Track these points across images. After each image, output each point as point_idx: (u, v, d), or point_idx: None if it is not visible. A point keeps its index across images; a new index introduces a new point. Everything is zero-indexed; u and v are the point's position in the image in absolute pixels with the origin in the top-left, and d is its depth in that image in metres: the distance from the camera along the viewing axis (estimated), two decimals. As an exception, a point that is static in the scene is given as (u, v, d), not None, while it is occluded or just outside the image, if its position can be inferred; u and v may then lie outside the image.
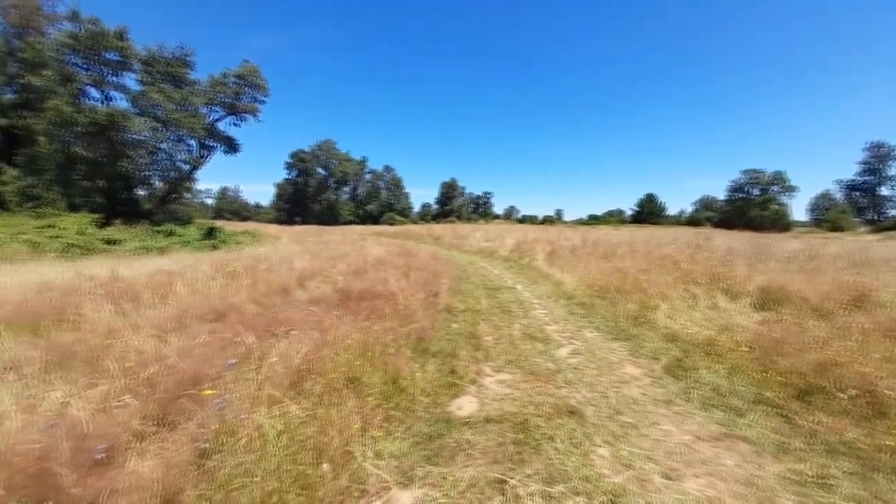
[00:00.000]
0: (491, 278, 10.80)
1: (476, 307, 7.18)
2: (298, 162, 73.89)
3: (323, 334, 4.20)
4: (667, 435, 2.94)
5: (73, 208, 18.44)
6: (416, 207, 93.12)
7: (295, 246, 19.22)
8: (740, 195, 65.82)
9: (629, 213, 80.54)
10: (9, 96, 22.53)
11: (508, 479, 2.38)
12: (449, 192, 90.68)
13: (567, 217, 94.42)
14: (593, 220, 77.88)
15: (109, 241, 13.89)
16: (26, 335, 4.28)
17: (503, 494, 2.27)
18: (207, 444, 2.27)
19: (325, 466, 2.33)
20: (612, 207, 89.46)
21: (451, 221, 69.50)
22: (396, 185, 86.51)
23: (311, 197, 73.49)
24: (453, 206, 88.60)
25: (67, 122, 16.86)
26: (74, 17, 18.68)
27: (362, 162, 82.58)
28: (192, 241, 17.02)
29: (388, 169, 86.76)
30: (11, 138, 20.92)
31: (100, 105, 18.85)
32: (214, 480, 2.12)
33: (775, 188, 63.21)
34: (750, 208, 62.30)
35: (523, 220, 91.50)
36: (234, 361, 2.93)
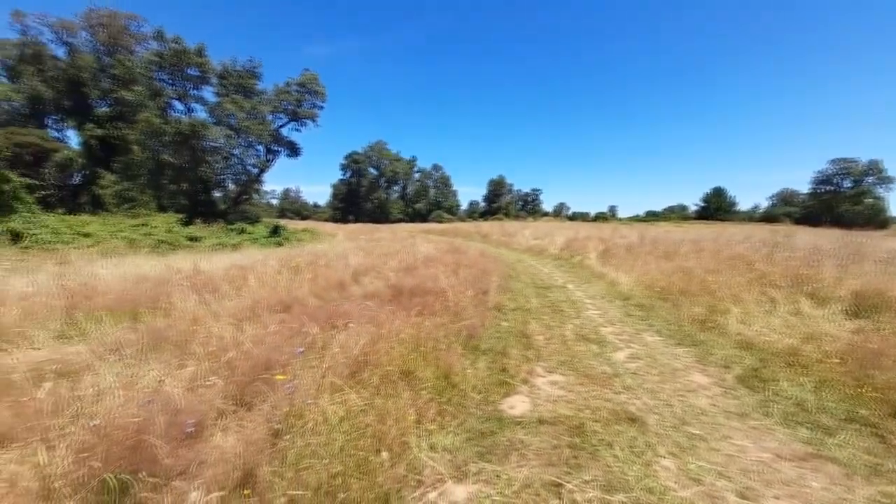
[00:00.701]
0: (541, 277, 10.56)
1: (526, 306, 7.07)
2: (352, 163, 77.11)
3: (378, 328, 4.37)
4: (742, 451, 2.71)
5: (162, 209, 20.95)
6: (464, 205, 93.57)
7: (349, 243, 20.11)
8: (827, 188, 58.24)
9: (693, 208, 74.53)
10: (103, 109, 25.80)
11: (564, 483, 2.33)
12: (497, 190, 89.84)
13: (622, 214, 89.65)
14: (652, 217, 73.08)
15: (192, 238, 15.58)
16: (126, 320, 4.91)
17: (559, 498, 2.23)
18: (279, 426, 2.47)
19: (384, 454, 2.44)
20: (673, 203, 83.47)
21: (499, 219, 68.81)
22: (444, 184, 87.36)
23: (363, 196, 76.44)
24: (501, 203, 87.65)
25: (157, 132, 19.13)
26: (159, 36, 21.06)
27: (411, 161, 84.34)
28: (259, 238, 18.55)
29: (436, 168, 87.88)
30: (108, 147, 24.05)
31: (183, 116, 21.16)
32: (286, 459, 2.30)
33: (870, 179, 55.12)
34: (839, 202, 54.89)
35: (573, 217, 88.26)
36: (301, 350, 3.15)
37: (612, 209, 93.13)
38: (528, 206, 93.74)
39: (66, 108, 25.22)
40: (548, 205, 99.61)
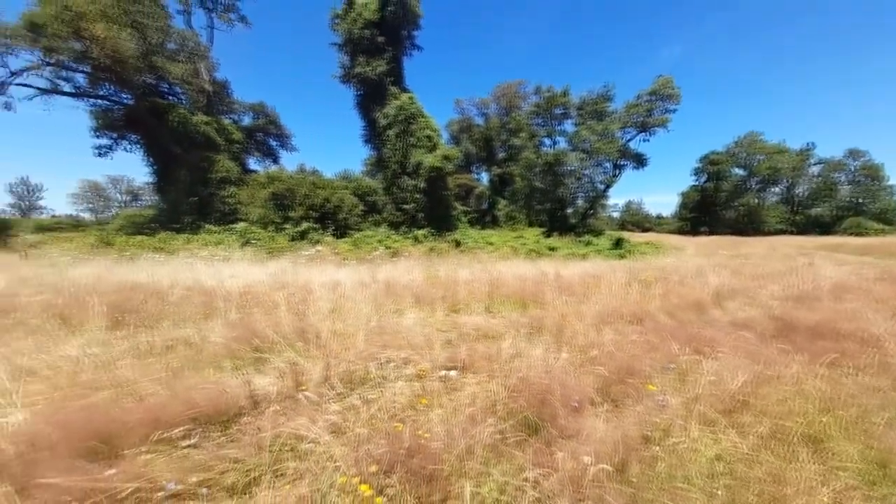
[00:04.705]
0: None
1: None
2: (709, 165, 65.21)
3: (763, 367, 3.61)
4: None
5: (530, 224, 26.84)
6: (922, 207, 56.82)
7: (702, 259, 17.37)
8: None
9: None
10: (501, 154, 36.39)
11: None
12: None
13: None
14: None
15: (550, 248, 18.89)
16: (518, 307, 6.62)
17: None
18: (650, 433, 2.60)
19: (786, 524, 2.03)
20: None
21: None
22: (871, 177, 56.79)
23: (722, 203, 62.91)
24: None
25: (531, 165, 24.64)
26: (537, 90, 26.85)
27: (805, 152, 60.55)
28: (603, 249, 19.70)
29: (853, 154, 58.70)
30: (503, 181, 34.02)
31: (550, 149, 26.12)
32: (654, 469, 2.40)
33: None
34: None
35: None
36: (672, 366, 3.14)
37: None
38: None
39: (482, 157, 38.19)
40: None
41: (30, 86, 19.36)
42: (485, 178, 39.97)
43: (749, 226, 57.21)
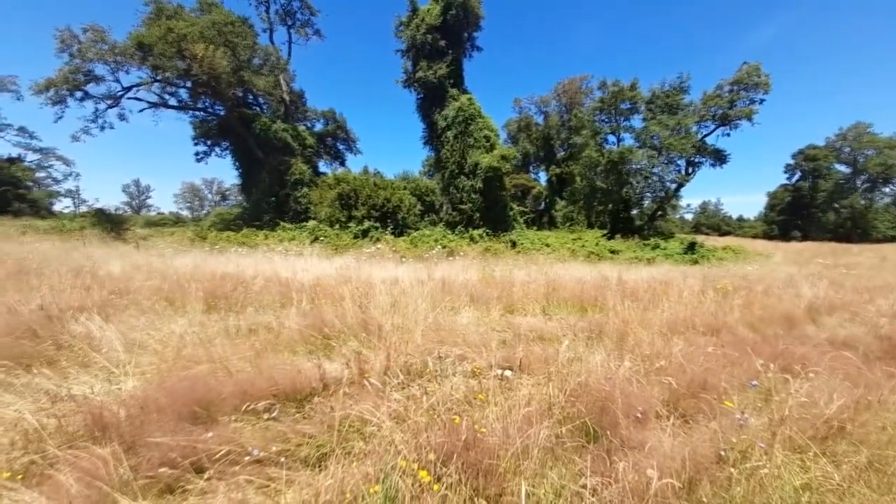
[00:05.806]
0: None
1: None
2: (804, 161, 57.31)
3: (864, 391, 3.16)
4: None
5: (590, 226, 25.64)
6: None
7: (793, 267, 15.46)
8: None
9: None
10: (561, 153, 35.15)
11: None
12: None
13: None
14: None
15: (612, 251, 17.92)
16: (575, 311, 6.41)
17: None
18: (725, 453, 2.41)
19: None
20: None
21: None
22: None
23: (819, 205, 55.01)
24: None
25: (593, 164, 23.51)
26: (602, 85, 25.44)
27: None
28: (673, 254, 18.23)
29: None
30: (561, 181, 32.92)
31: (614, 147, 24.72)
32: (728, 493, 2.22)
33: None
34: None
35: None
36: (755, 384, 2.89)
37: None
38: None
39: (540, 157, 37.41)
40: None
41: (140, 99, 22.64)
42: (543, 177, 39.21)
43: (854, 231, 49.49)
